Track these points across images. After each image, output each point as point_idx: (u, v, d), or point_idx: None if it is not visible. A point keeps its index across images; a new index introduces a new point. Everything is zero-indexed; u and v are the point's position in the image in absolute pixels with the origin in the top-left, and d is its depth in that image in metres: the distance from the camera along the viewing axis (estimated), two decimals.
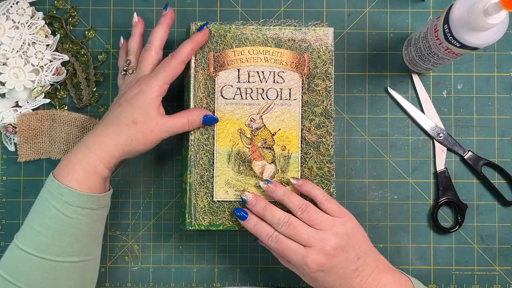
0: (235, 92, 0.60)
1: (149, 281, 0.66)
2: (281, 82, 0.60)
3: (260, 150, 0.60)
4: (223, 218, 0.59)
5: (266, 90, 0.60)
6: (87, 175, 0.54)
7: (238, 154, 0.60)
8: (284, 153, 0.60)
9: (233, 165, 0.60)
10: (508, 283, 0.67)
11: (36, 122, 0.65)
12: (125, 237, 0.67)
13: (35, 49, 0.64)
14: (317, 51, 0.60)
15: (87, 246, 0.55)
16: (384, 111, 0.68)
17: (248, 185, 0.60)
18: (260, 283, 0.67)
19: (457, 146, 0.67)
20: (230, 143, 0.60)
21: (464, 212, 0.66)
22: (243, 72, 0.60)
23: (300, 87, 0.60)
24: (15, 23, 0.64)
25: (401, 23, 0.68)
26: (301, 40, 0.60)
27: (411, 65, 0.66)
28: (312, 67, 0.60)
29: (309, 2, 0.68)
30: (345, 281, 0.55)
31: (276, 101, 0.60)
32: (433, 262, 0.67)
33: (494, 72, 0.68)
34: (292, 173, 0.60)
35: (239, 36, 0.60)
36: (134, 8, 0.68)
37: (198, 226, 0.59)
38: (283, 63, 0.60)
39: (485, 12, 0.49)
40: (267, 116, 0.60)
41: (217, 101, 0.60)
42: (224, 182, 0.60)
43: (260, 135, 0.60)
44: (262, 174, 0.60)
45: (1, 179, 0.67)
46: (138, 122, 0.55)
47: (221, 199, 0.59)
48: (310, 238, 0.54)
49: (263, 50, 0.60)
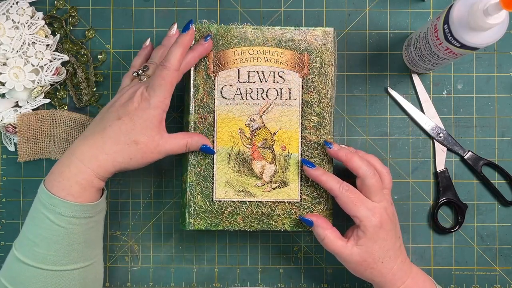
0: (235, 92, 0.60)
1: (149, 281, 0.67)
2: (281, 82, 0.60)
3: (260, 150, 0.60)
4: (223, 218, 0.59)
5: (266, 90, 0.60)
6: (83, 190, 0.53)
7: (238, 154, 0.60)
8: (284, 153, 0.60)
9: (233, 165, 0.60)
10: (508, 283, 0.67)
11: (36, 122, 0.65)
12: (125, 237, 0.67)
13: (35, 49, 0.64)
14: (317, 51, 0.60)
15: (84, 253, 0.54)
16: (384, 111, 0.68)
17: (248, 185, 0.60)
18: (260, 283, 0.67)
19: (457, 146, 0.67)
20: (230, 143, 0.60)
21: (464, 212, 0.66)
22: (243, 72, 0.60)
23: (300, 87, 0.60)
24: (15, 23, 0.64)
25: (401, 23, 0.68)
26: (301, 40, 0.60)
27: (411, 65, 0.66)
28: (312, 67, 0.60)
29: (309, 2, 0.68)
30: (394, 253, 0.56)
31: (276, 101, 0.60)
32: (433, 262, 0.67)
33: (494, 72, 0.68)
34: (292, 173, 0.60)
35: (239, 36, 0.60)
36: (134, 8, 0.68)
37: (198, 226, 0.59)
38: (283, 63, 0.60)
39: (485, 12, 0.49)
40: (267, 116, 0.60)
41: (217, 101, 0.60)
42: (224, 182, 0.59)
43: (260, 135, 0.60)
44: (262, 174, 0.60)
45: (1, 179, 0.67)
46: (139, 143, 0.54)
47: (221, 199, 0.59)
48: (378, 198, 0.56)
49: (263, 50, 0.60)
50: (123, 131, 0.53)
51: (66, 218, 0.52)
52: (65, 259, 0.53)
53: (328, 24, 0.68)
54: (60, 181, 0.52)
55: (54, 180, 0.53)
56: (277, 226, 0.60)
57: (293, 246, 0.67)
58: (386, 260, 0.56)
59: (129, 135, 0.53)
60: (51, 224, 0.52)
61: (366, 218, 0.55)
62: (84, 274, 0.55)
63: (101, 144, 0.53)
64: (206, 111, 0.60)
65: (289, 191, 0.60)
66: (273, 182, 0.60)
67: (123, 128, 0.53)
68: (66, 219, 0.52)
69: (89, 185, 0.53)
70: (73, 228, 0.53)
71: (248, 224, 0.60)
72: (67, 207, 0.52)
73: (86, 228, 0.54)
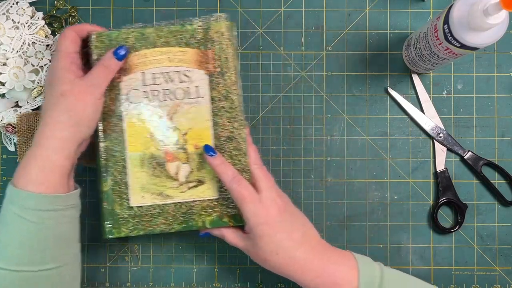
0: (141, 96, 0.59)
1: (149, 281, 0.67)
2: (188, 81, 0.59)
3: (173, 151, 0.59)
4: (143, 223, 0.59)
5: (173, 90, 0.59)
6: (43, 173, 0.51)
7: (151, 157, 0.59)
8: (198, 151, 0.60)
9: (147, 169, 0.59)
10: (508, 283, 0.67)
11: (36, 122, 0.64)
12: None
13: (35, 49, 0.64)
14: (220, 46, 0.60)
15: (59, 252, 0.53)
16: (384, 111, 0.68)
17: (165, 187, 0.59)
18: (260, 283, 0.67)
19: (457, 146, 0.67)
20: (142, 147, 0.59)
21: (464, 212, 0.66)
22: (148, 75, 0.59)
23: (207, 83, 0.60)
24: (15, 23, 0.64)
25: (401, 23, 0.68)
26: (203, 36, 0.60)
27: (411, 65, 0.66)
28: (217, 62, 0.60)
29: (309, 2, 0.68)
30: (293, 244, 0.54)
31: (184, 100, 0.59)
32: (433, 262, 0.67)
33: (494, 72, 0.68)
34: (208, 171, 0.60)
35: (140, 39, 0.59)
36: (134, 8, 0.68)
37: (118, 234, 0.59)
38: (187, 61, 0.59)
39: (485, 12, 0.49)
40: (177, 116, 0.60)
41: (124, 107, 0.59)
42: (139, 187, 0.59)
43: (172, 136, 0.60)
44: (177, 174, 0.59)
45: (1, 179, 0.67)
46: (64, 93, 0.53)
47: (138, 204, 0.59)
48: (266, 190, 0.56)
49: (166, 51, 0.59)
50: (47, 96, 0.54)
51: (33, 211, 0.50)
52: (39, 258, 0.51)
53: (328, 24, 0.68)
54: (20, 169, 0.52)
55: (16, 172, 0.52)
56: (198, 225, 0.60)
57: None
58: (280, 251, 0.54)
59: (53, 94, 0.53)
60: (19, 219, 0.50)
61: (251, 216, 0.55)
62: (60, 276, 0.53)
63: (40, 120, 0.53)
64: (115, 118, 0.59)
65: (206, 189, 0.60)
66: (189, 181, 0.59)
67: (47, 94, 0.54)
68: (34, 213, 0.50)
69: (48, 166, 0.51)
70: (43, 223, 0.51)
71: (169, 226, 0.59)
72: (32, 199, 0.50)
73: (57, 223, 0.52)
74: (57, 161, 0.52)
